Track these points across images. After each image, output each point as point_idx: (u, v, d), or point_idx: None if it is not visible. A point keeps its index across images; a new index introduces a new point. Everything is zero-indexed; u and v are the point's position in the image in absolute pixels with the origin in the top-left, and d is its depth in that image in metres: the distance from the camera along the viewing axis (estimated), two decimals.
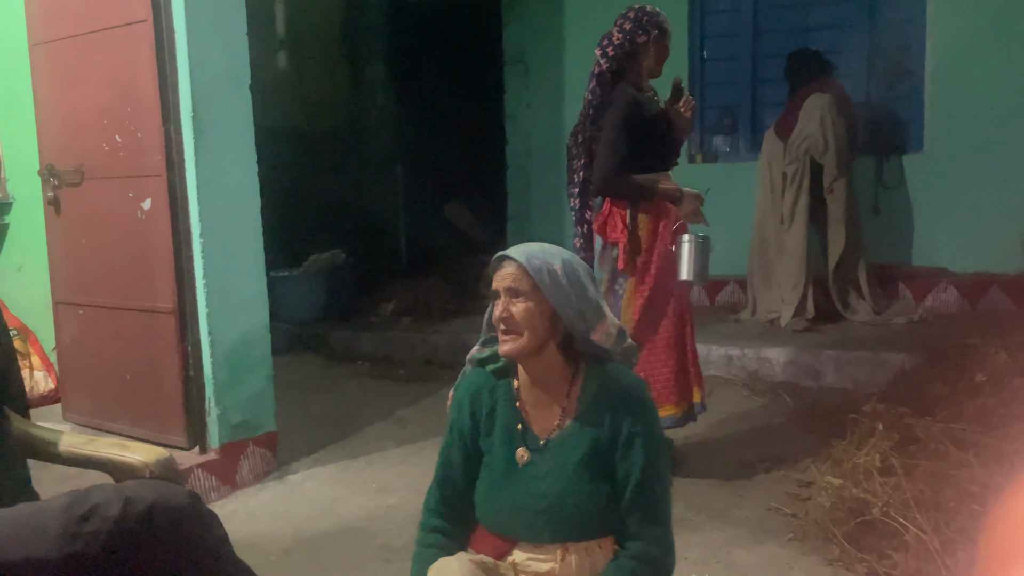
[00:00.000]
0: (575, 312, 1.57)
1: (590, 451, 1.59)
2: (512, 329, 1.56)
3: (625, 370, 1.67)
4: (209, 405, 3.22)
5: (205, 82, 3.10)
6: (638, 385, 1.66)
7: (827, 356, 4.23)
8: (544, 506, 1.58)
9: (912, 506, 2.50)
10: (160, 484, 1.27)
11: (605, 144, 3.09)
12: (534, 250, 1.60)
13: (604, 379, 1.62)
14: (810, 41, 5.16)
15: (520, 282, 1.56)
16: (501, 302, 1.58)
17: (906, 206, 5.08)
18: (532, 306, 1.55)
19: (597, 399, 1.61)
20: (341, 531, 2.89)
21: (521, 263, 1.56)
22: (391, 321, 5.58)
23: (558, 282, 1.56)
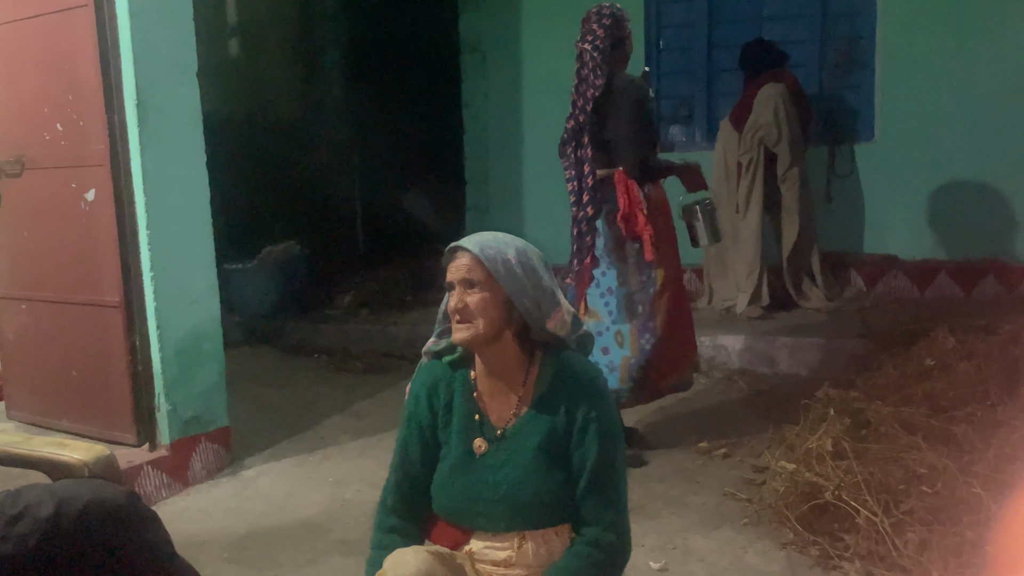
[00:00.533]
0: (530, 301, 1.56)
1: (546, 439, 1.59)
2: (467, 319, 1.55)
3: (580, 357, 1.67)
4: (159, 401, 3.15)
5: (150, 69, 3.01)
6: (593, 372, 1.66)
7: (781, 343, 4.28)
8: (501, 494, 1.58)
9: (863, 489, 2.54)
10: (96, 483, 1.23)
11: (630, 130, 3.27)
12: (487, 239, 1.59)
13: (559, 367, 1.62)
14: (764, 32, 5.21)
15: (474, 272, 1.55)
16: (456, 293, 1.57)
17: (857, 194, 5.16)
18: (487, 296, 1.55)
19: (552, 387, 1.61)
20: (296, 526, 2.85)
21: (475, 253, 1.55)
22: (349, 313, 5.52)
23: (513, 271, 1.55)
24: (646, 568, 2.47)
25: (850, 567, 2.37)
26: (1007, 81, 4.79)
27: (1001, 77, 4.80)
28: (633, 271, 3.31)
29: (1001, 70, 4.79)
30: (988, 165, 4.88)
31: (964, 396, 3.16)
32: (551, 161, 5.80)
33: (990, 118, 4.84)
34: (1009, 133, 4.81)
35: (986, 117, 4.84)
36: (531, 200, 5.92)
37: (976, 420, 2.97)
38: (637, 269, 3.30)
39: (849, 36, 5.21)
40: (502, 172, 6.03)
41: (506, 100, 5.94)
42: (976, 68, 4.84)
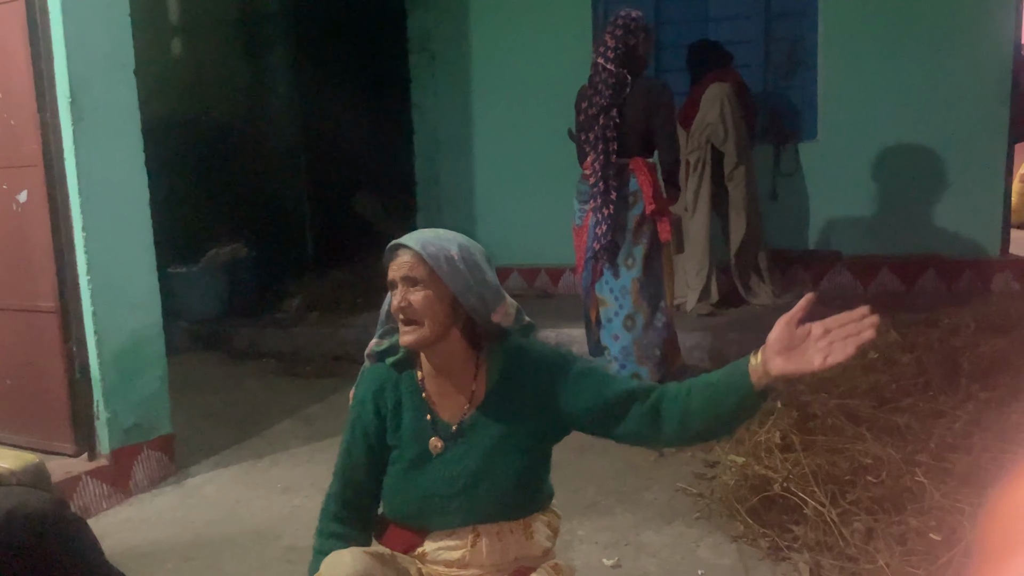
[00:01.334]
0: (475, 297, 1.54)
1: (507, 426, 1.58)
2: (412, 319, 1.52)
3: (527, 340, 1.66)
4: (98, 409, 3.05)
5: (84, 66, 2.92)
6: (542, 345, 1.66)
7: (731, 339, 4.33)
8: (458, 488, 1.56)
9: (811, 480, 2.57)
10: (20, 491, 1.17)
11: (670, 129, 3.57)
12: (429, 237, 1.56)
13: (508, 352, 1.61)
14: (709, 32, 5.28)
15: (417, 270, 1.52)
16: (399, 292, 1.54)
17: (802, 192, 5.26)
18: (431, 294, 1.52)
19: (505, 373, 1.60)
20: (243, 534, 2.78)
21: (417, 251, 1.52)
22: (297, 316, 5.43)
23: (456, 267, 1.53)
24: (599, 565, 2.47)
25: (799, 558, 2.40)
26: (945, 81, 4.93)
27: (939, 76, 4.94)
28: (645, 254, 3.57)
29: (939, 70, 4.94)
30: (927, 163, 5.02)
31: (906, 388, 3.23)
32: (502, 161, 5.83)
33: (929, 117, 4.98)
34: (947, 131, 4.96)
35: (925, 116, 4.98)
36: (482, 201, 5.91)
37: (918, 411, 3.04)
38: (648, 252, 3.57)
39: (792, 37, 5.31)
40: (452, 173, 6.00)
41: (456, 100, 5.91)
42: (915, 68, 4.98)
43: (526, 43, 5.65)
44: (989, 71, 4.88)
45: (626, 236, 3.57)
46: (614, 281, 3.62)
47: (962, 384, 3.22)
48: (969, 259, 4.98)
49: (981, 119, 4.93)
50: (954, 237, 5.02)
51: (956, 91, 4.92)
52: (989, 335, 3.54)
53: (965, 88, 4.91)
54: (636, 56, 3.57)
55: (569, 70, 5.62)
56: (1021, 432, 2.82)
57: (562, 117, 5.64)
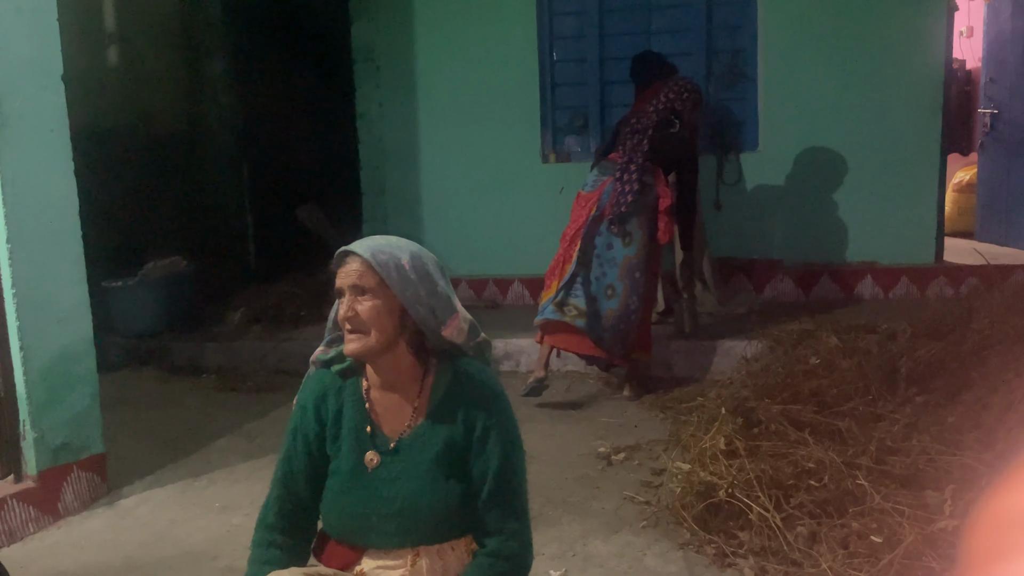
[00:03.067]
0: (425, 308, 1.50)
1: (443, 450, 1.53)
2: (358, 328, 1.48)
3: (478, 365, 1.62)
4: (24, 428, 2.91)
5: (8, 71, 2.80)
6: (491, 380, 1.60)
7: (676, 346, 4.37)
8: (395, 509, 1.51)
9: (755, 485, 2.59)
10: None
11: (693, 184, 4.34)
12: (380, 244, 1.51)
13: (456, 375, 1.57)
14: (652, 44, 5.33)
15: (365, 279, 1.47)
16: (346, 300, 1.49)
17: (744, 202, 5.34)
18: (379, 303, 1.47)
19: (448, 396, 1.55)
20: (179, 556, 2.68)
21: (366, 258, 1.47)
22: (239, 330, 5.29)
23: (406, 277, 1.48)
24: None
25: (744, 564, 2.40)
26: (881, 93, 5.07)
27: (875, 86, 5.07)
28: (643, 243, 3.95)
29: (875, 82, 5.07)
30: (865, 173, 5.15)
31: (847, 392, 3.28)
32: (448, 170, 5.80)
33: (865, 126, 5.10)
34: (884, 142, 5.09)
35: (862, 127, 5.11)
36: (429, 209, 5.86)
37: (858, 415, 3.09)
38: (647, 244, 3.96)
39: (732, 49, 5.40)
40: (399, 182, 5.94)
41: (401, 110, 5.87)
42: (852, 80, 5.10)
43: (471, 52, 5.64)
44: (923, 84, 5.03)
45: (635, 216, 3.92)
46: (607, 252, 3.94)
47: (900, 388, 3.28)
48: (905, 266, 5.11)
49: (915, 130, 5.07)
50: (891, 245, 5.15)
51: (891, 103, 5.06)
52: (925, 340, 3.62)
53: (900, 100, 5.05)
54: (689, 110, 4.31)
55: (514, 78, 5.63)
56: (957, 434, 2.88)
57: (509, 125, 5.66)
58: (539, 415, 3.86)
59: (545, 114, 5.69)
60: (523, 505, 1.58)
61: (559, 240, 4.14)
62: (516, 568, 1.54)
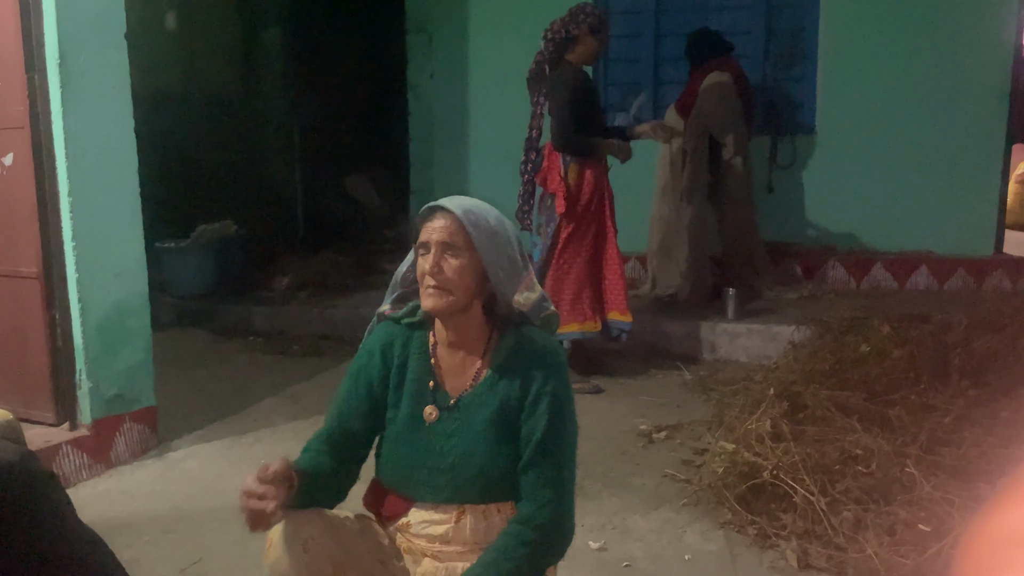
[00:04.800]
0: (504, 272, 1.51)
1: (498, 412, 1.53)
2: (442, 285, 1.47)
3: (542, 333, 1.61)
4: (80, 378, 2.99)
5: (73, 27, 2.85)
6: (553, 347, 1.59)
7: (722, 329, 4.32)
8: (447, 464, 1.53)
9: (800, 469, 2.55)
10: None
11: (557, 110, 3.74)
12: (469, 203, 1.51)
13: (519, 340, 1.57)
14: (710, 22, 5.23)
15: (456, 236, 1.47)
16: (433, 255, 1.48)
17: (798, 185, 5.24)
18: (465, 262, 1.48)
19: (509, 359, 1.55)
20: (224, 509, 2.73)
21: (458, 216, 1.47)
22: (286, 295, 5.37)
23: (493, 239, 1.49)
24: (585, 548, 2.43)
25: (787, 545, 2.38)
26: (946, 75, 4.91)
27: (940, 70, 4.92)
28: (545, 220, 3.89)
29: (940, 63, 4.91)
30: (924, 159, 5.01)
31: (898, 381, 3.21)
32: (497, 143, 5.77)
33: (928, 111, 4.96)
34: (946, 128, 4.94)
35: (924, 110, 4.96)
36: (476, 183, 5.85)
37: (909, 404, 3.02)
38: (547, 220, 3.89)
39: (792, 28, 5.27)
40: (447, 155, 5.94)
41: (452, 82, 5.85)
42: (916, 61, 4.95)
43: (524, 24, 5.57)
44: (990, 70, 4.87)
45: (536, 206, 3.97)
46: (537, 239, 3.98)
47: (953, 380, 3.20)
48: (962, 257, 4.97)
49: (980, 118, 4.91)
50: (948, 235, 5.01)
51: (956, 89, 4.91)
52: (981, 332, 3.53)
53: (965, 86, 4.89)
54: (573, 45, 3.78)
55: None
56: (1010, 428, 2.80)
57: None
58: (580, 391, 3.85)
59: None
60: (563, 476, 1.54)
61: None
62: (546, 539, 1.51)
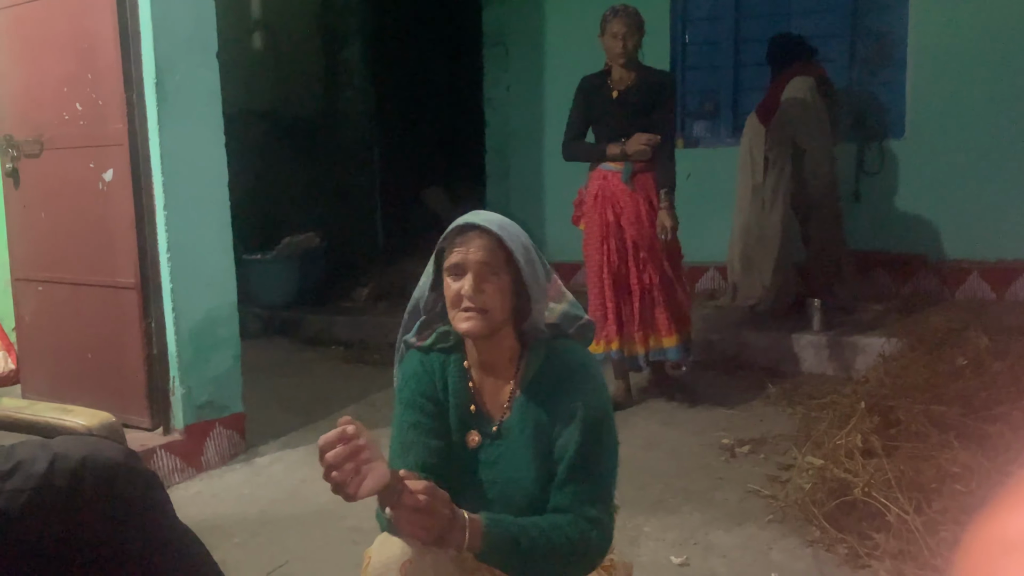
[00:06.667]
0: (539, 289, 1.45)
1: (535, 432, 1.47)
2: (482, 306, 1.40)
3: (574, 346, 1.53)
4: (173, 384, 3.11)
5: (169, 48, 2.98)
6: (583, 359, 1.51)
7: (807, 341, 4.18)
8: (494, 494, 1.47)
9: (894, 486, 2.44)
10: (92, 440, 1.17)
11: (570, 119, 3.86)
12: (500, 220, 1.45)
13: (548, 356, 1.50)
14: (792, 26, 5.11)
15: (496, 256, 1.40)
16: (471, 277, 1.40)
17: (887, 192, 5.04)
18: (505, 282, 1.41)
19: (539, 376, 1.48)
20: (308, 514, 2.79)
21: (497, 234, 1.40)
22: (366, 306, 5.48)
23: (529, 256, 1.44)
24: (667, 563, 2.39)
25: (880, 566, 2.28)
26: None
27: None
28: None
29: None
30: (1020, 164, 4.75)
31: (998, 396, 3.04)
32: None
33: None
34: None
35: (1020, 113, 4.72)
36: (552, 196, 5.85)
37: (1012, 420, 2.86)
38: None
39: (880, 31, 5.10)
40: (523, 167, 5.96)
41: (528, 94, 5.88)
42: (1011, 64, 4.71)
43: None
44: None
45: None
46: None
47: None
48: None
49: None
50: None
51: None
52: None
53: None
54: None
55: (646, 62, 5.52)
56: None
57: None
58: (659, 403, 3.79)
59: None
60: (603, 493, 1.44)
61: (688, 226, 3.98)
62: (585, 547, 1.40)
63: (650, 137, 3.55)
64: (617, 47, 3.66)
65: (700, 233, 5.39)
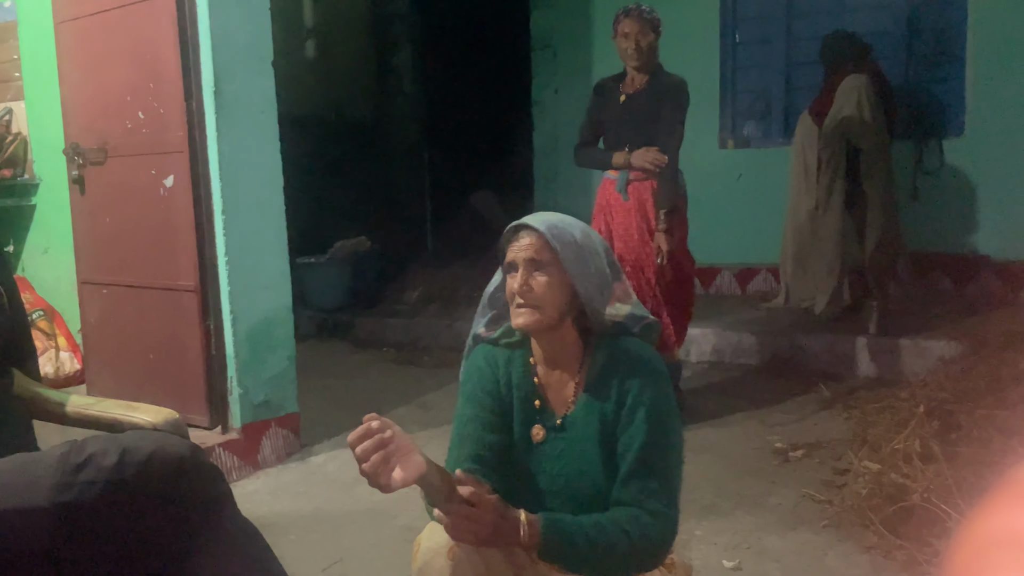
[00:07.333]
0: (593, 286, 1.48)
1: (600, 428, 1.50)
2: (531, 303, 1.46)
3: (639, 343, 1.56)
4: (231, 384, 3.19)
5: (227, 57, 3.07)
6: (648, 356, 1.53)
7: (863, 344, 4.10)
8: (559, 486, 1.50)
9: (955, 493, 2.38)
10: (160, 435, 1.22)
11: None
12: (553, 219, 1.51)
13: (613, 352, 1.52)
14: (846, 23, 5.01)
15: (542, 253, 1.46)
16: (520, 274, 1.47)
17: (945, 192, 4.92)
18: (553, 278, 1.46)
19: (605, 372, 1.51)
20: (362, 512, 2.84)
21: (542, 232, 1.46)
22: (416, 308, 5.54)
23: (579, 253, 1.47)
24: (719, 566, 2.37)
25: (939, 573, 2.22)
26: None
27: None
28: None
29: None
30: None
31: None
32: None
33: None
34: None
35: None
36: None
37: None
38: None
39: (937, 26, 4.98)
40: (571, 170, 5.91)
41: (576, 97, 5.85)
42: None
43: None
44: None
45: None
46: None
47: None
48: None
49: None
50: None
51: None
52: None
53: None
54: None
55: (693, 61, 5.47)
56: None
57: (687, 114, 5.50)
58: (711, 406, 3.76)
59: (724, 98, 5.51)
60: (670, 488, 1.46)
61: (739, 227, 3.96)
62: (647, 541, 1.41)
63: (656, 157, 3.36)
64: (628, 48, 3.47)
65: (752, 234, 5.33)
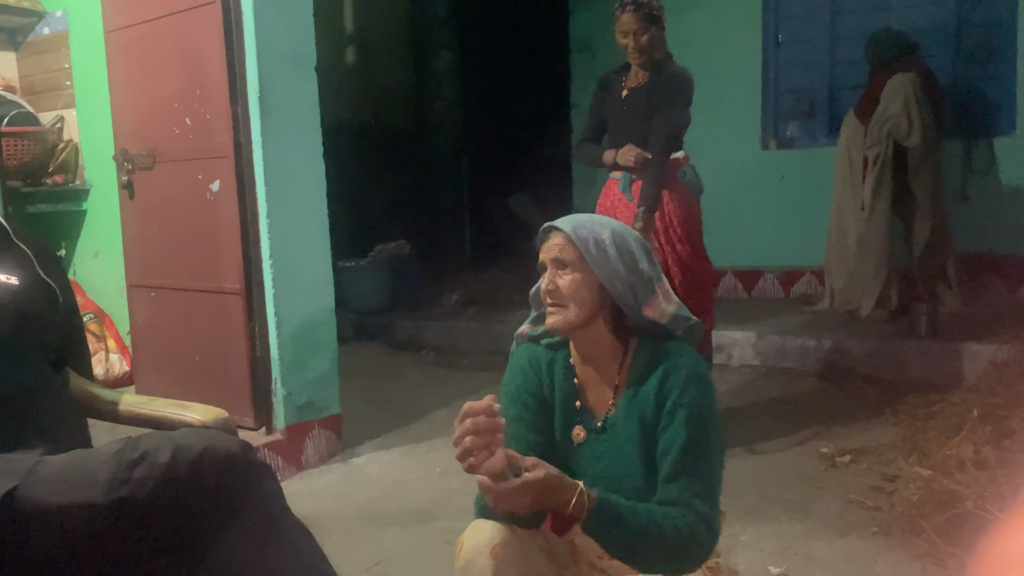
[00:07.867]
0: (624, 285, 1.48)
1: (640, 429, 1.49)
2: (558, 302, 1.49)
3: (681, 345, 1.54)
4: (275, 385, 3.23)
5: (271, 63, 3.11)
6: (690, 358, 1.51)
7: (911, 348, 4.01)
8: (600, 488, 1.45)
9: (1009, 500, 2.31)
10: (212, 433, 1.24)
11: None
12: (582, 220, 1.52)
13: (654, 354, 1.51)
14: (892, 20, 4.93)
15: (566, 253, 1.48)
16: (548, 274, 1.51)
17: (997, 192, 4.80)
18: (579, 278, 1.48)
19: (645, 374, 1.50)
20: (404, 513, 2.85)
21: (567, 232, 1.48)
22: (456, 311, 5.56)
23: (605, 252, 1.47)
24: (765, 572, 2.33)
25: None
26: None
27: None
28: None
29: None
30: None
31: None
32: None
33: None
34: None
35: None
36: None
37: None
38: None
39: (987, 22, 4.86)
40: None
41: None
42: None
43: (691, 36, 5.50)
44: None
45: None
46: None
47: None
48: None
49: None
50: None
51: None
52: None
53: None
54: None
55: (735, 62, 5.42)
56: None
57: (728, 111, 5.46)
58: (756, 410, 3.71)
59: (767, 98, 5.45)
60: (711, 490, 1.44)
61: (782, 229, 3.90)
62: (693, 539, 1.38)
63: (639, 153, 3.18)
64: (627, 44, 3.29)
65: (795, 237, 5.25)
